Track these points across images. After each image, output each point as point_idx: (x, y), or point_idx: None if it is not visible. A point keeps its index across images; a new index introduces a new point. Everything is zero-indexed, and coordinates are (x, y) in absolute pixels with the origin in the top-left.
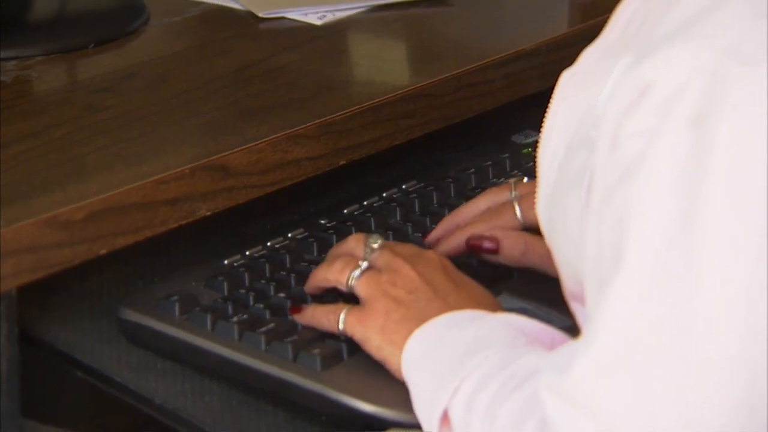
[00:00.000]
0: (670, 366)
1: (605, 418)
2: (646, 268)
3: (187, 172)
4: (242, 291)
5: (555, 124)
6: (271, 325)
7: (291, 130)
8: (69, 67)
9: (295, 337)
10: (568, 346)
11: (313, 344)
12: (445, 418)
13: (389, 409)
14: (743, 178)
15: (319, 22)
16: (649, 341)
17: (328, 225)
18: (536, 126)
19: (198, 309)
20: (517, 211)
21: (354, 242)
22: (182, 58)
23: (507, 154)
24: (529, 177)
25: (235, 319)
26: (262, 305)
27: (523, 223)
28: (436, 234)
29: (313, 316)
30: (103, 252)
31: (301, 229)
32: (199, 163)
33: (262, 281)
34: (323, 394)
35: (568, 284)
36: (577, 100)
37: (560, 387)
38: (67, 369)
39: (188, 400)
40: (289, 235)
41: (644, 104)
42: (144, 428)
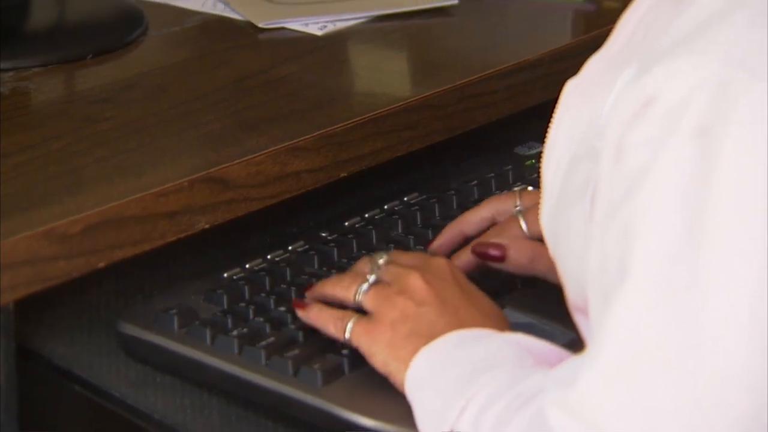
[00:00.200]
0: (676, 379)
1: None
2: (651, 281)
3: (186, 184)
4: (242, 304)
5: (559, 135)
6: (272, 339)
7: (291, 142)
8: (67, 78)
9: (296, 352)
10: (571, 361)
11: (314, 359)
12: None
13: (391, 425)
14: (748, 190)
15: (319, 33)
16: (655, 354)
17: (329, 238)
18: (539, 137)
19: (197, 323)
20: (523, 225)
21: (360, 264)
22: (181, 69)
23: (510, 166)
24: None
25: (235, 332)
26: (262, 319)
27: (529, 236)
28: (440, 242)
29: (319, 317)
30: (102, 265)
31: (302, 242)
32: (198, 175)
33: (262, 294)
34: (324, 409)
35: (572, 297)
36: (581, 111)
37: (565, 401)
38: (65, 383)
39: (187, 415)
40: (290, 248)
41: (648, 115)
42: None
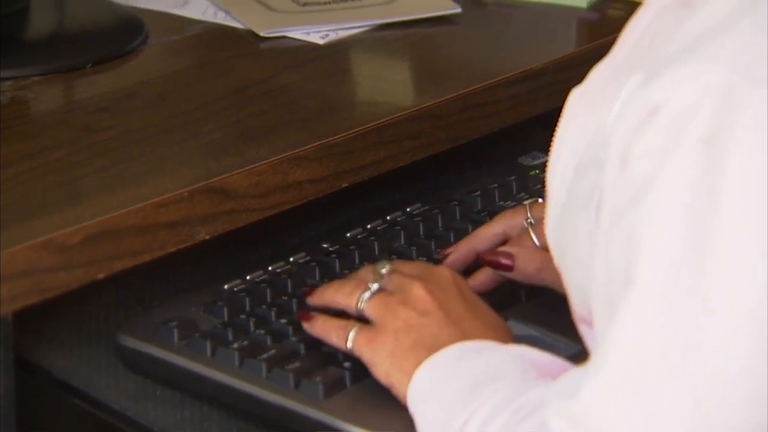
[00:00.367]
0: (681, 386)
1: None
2: (656, 289)
3: (186, 194)
4: (243, 316)
5: (563, 144)
6: (273, 351)
7: (292, 152)
8: (66, 87)
9: (297, 364)
10: (574, 372)
11: (316, 371)
12: None
13: None
14: (754, 198)
15: (321, 42)
16: (660, 362)
17: (331, 249)
18: (543, 147)
19: (197, 335)
20: (534, 238)
21: (363, 272)
22: (182, 78)
23: (513, 177)
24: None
25: (236, 345)
26: (263, 331)
27: (540, 248)
28: (452, 259)
29: (323, 327)
30: (101, 276)
31: (303, 253)
32: (199, 185)
33: (263, 306)
34: (325, 422)
35: (577, 307)
36: (586, 120)
37: (569, 411)
38: (64, 396)
39: (187, 428)
40: (291, 260)
41: (654, 124)
42: None
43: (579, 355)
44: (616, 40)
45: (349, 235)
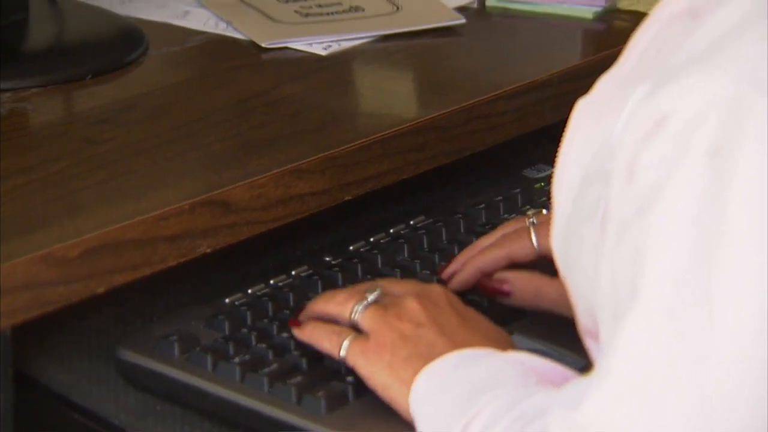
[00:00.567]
0: (686, 398)
1: None
2: (663, 300)
3: (186, 207)
4: (244, 330)
5: (569, 156)
6: (274, 365)
7: (294, 164)
8: (66, 98)
9: (299, 379)
10: (578, 382)
11: (318, 386)
12: None
13: None
14: (761, 210)
15: (323, 53)
16: (665, 373)
17: (333, 262)
18: (548, 160)
19: (198, 349)
20: (533, 238)
21: (354, 289)
22: (182, 89)
23: (518, 189)
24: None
25: (237, 359)
26: (264, 345)
27: (539, 250)
28: (451, 269)
29: (313, 333)
30: (101, 290)
31: (305, 267)
32: (200, 198)
33: (265, 320)
34: None
35: (582, 320)
36: (592, 132)
37: (572, 422)
38: (64, 411)
39: None
40: (293, 273)
41: (661, 135)
42: None
43: (584, 369)
44: (623, 51)
45: (351, 248)
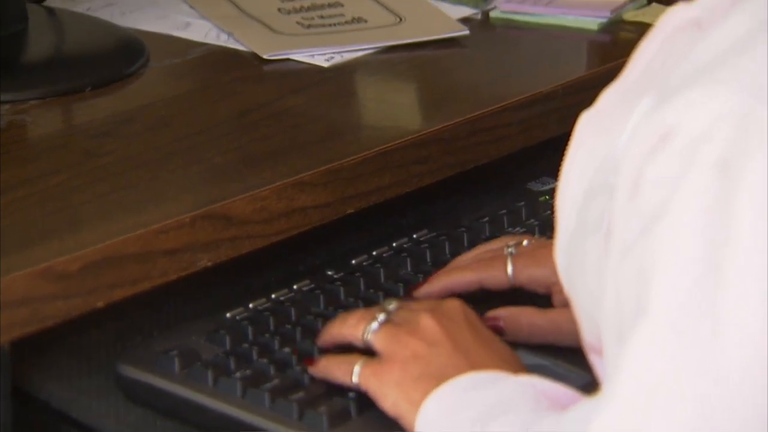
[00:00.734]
0: (693, 415)
1: None
2: (670, 318)
3: (187, 221)
4: (245, 345)
5: (573, 169)
6: (276, 381)
7: (296, 177)
8: (65, 110)
9: (301, 395)
10: (585, 403)
11: (320, 402)
12: None
13: None
14: None
15: (326, 64)
16: (672, 391)
17: (336, 276)
18: (553, 172)
19: (199, 364)
20: (509, 268)
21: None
22: (184, 102)
23: (523, 202)
24: (546, 227)
25: (238, 374)
26: (266, 360)
27: (513, 281)
28: (425, 289)
29: (327, 367)
30: (100, 305)
31: (307, 281)
32: (200, 211)
33: (266, 335)
34: None
35: (587, 336)
36: (596, 145)
37: None
38: (63, 427)
39: None
40: (295, 287)
41: (667, 149)
42: None
43: (590, 386)
44: (627, 63)
45: (354, 262)
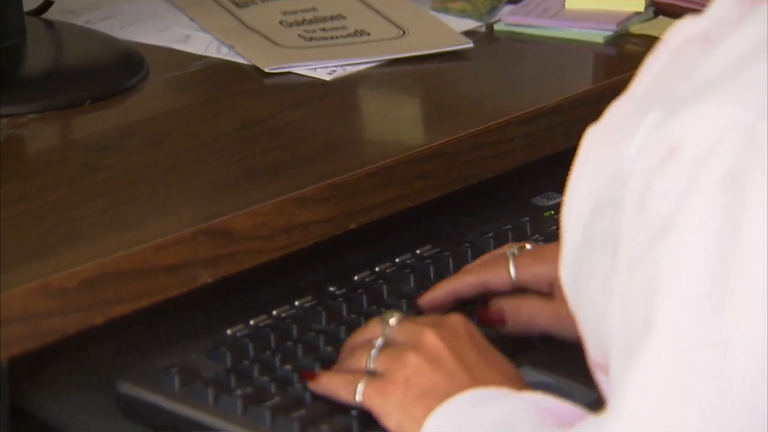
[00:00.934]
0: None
1: None
2: (677, 333)
3: (187, 236)
4: (246, 362)
5: (579, 184)
6: (277, 398)
7: (298, 192)
8: (64, 125)
9: (303, 412)
10: (591, 421)
11: (322, 420)
12: None
13: None
14: None
15: (328, 78)
16: (680, 411)
17: (338, 293)
18: (558, 187)
19: (199, 381)
20: (511, 268)
21: (371, 326)
22: (184, 115)
23: (527, 218)
24: (551, 242)
25: (239, 392)
26: (267, 378)
27: (516, 281)
28: (429, 296)
29: (329, 383)
30: (99, 321)
31: (309, 297)
32: (201, 227)
33: (268, 352)
34: None
35: (592, 352)
36: (603, 159)
37: None
38: None
39: None
40: (296, 304)
41: (674, 163)
42: None
43: (595, 403)
44: (634, 76)
45: (356, 278)
